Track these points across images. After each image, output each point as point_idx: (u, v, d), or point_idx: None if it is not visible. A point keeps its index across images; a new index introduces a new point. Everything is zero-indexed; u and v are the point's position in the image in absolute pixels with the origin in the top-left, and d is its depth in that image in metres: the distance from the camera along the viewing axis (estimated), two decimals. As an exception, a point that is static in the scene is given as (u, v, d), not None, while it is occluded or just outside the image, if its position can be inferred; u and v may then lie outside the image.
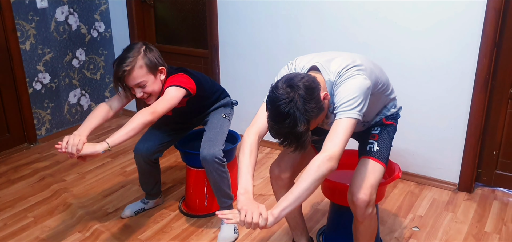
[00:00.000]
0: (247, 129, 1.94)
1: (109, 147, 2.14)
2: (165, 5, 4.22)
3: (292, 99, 1.66)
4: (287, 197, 1.69)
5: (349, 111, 1.74)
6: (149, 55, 2.35)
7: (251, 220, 1.65)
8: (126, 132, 2.19)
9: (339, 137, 1.72)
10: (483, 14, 2.70)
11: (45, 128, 4.05)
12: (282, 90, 1.68)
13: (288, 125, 1.68)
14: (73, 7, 4.03)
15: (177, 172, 3.44)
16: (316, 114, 1.73)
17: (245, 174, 1.82)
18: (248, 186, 1.79)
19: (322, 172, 1.68)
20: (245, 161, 1.86)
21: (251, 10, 3.54)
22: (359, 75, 1.80)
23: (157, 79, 2.39)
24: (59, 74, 4.05)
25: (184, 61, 4.18)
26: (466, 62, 2.83)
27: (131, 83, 2.33)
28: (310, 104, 1.68)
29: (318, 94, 1.72)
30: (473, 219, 2.76)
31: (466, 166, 3.01)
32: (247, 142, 1.90)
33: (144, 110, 2.25)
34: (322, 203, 2.95)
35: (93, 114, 2.36)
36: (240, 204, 1.73)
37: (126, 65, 2.28)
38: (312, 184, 1.68)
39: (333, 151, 1.70)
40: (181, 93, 2.37)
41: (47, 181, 3.34)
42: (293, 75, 1.75)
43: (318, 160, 1.69)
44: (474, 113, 2.89)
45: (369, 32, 3.07)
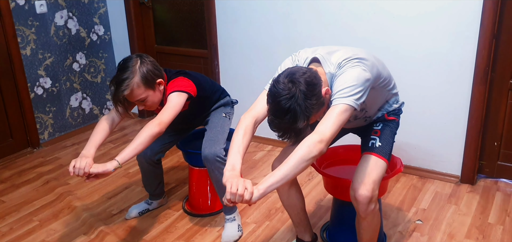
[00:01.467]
0: (244, 113, 1.95)
1: (119, 164, 2.17)
2: (164, 7, 4.23)
3: (293, 95, 1.67)
4: (274, 174, 1.69)
5: (345, 98, 1.74)
6: (145, 71, 2.31)
7: (236, 190, 1.64)
8: (135, 146, 2.21)
9: (331, 121, 1.71)
10: (481, 6, 2.71)
11: (48, 132, 4.06)
12: (284, 85, 1.69)
13: (288, 121, 1.69)
14: (72, 11, 4.04)
15: (180, 172, 3.45)
16: (316, 110, 1.74)
17: (235, 153, 1.83)
18: (236, 164, 1.79)
19: (311, 153, 1.67)
20: (237, 141, 1.86)
21: (248, 9, 3.55)
22: (358, 67, 1.80)
23: (156, 91, 2.39)
24: (60, 78, 4.06)
25: (184, 62, 4.19)
26: (465, 54, 2.83)
27: (131, 100, 2.36)
28: (311, 101, 1.69)
29: (319, 90, 1.73)
30: (476, 211, 2.77)
31: (468, 158, 3.01)
32: (242, 124, 1.90)
33: (151, 123, 2.26)
34: (326, 199, 2.96)
35: (97, 130, 2.36)
36: (225, 178, 1.73)
37: (124, 88, 2.27)
38: (301, 164, 1.67)
39: (324, 133, 1.69)
40: (184, 98, 2.38)
41: (51, 184, 3.35)
42: (295, 69, 1.75)
43: (308, 141, 1.69)
44: (474, 105, 2.90)
45: (367, 27, 3.08)
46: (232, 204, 1.68)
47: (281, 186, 2.19)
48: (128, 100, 2.37)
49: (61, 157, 3.82)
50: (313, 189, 3.08)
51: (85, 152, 2.23)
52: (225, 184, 1.70)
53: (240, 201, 1.65)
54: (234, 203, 1.67)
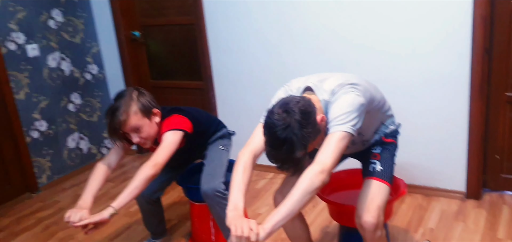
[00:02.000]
0: (242, 148, 1.93)
1: (115, 211, 2.13)
2: (156, 41, 4.23)
3: (288, 125, 1.65)
4: (279, 211, 1.66)
5: (342, 125, 1.72)
6: (142, 100, 2.32)
7: (242, 233, 1.61)
8: (130, 191, 2.17)
9: (331, 150, 1.70)
10: (471, 22, 2.72)
11: (46, 176, 4.01)
12: (278, 115, 1.67)
13: (286, 151, 1.66)
14: (65, 53, 4.03)
15: (181, 207, 3.40)
16: (313, 138, 1.73)
17: (236, 192, 1.80)
18: (238, 203, 1.77)
19: (314, 184, 1.65)
20: (237, 179, 1.84)
21: (241, 38, 3.55)
22: (352, 92, 1.79)
23: (152, 122, 2.36)
24: (56, 120, 4.03)
25: (180, 95, 4.17)
26: (460, 70, 2.83)
27: (127, 129, 2.29)
28: (307, 129, 1.67)
29: (314, 118, 1.72)
30: (485, 227, 2.73)
31: (471, 173, 2.98)
32: (241, 160, 1.88)
33: (145, 165, 2.22)
34: (331, 225, 2.91)
35: (93, 177, 2.33)
36: (229, 220, 1.70)
37: (121, 113, 2.24)
38: (305, 197, 1.65)
39: (325, 163, 1.68)
40: (179, 136, 2.35)
41: (51, 229, 3.29)
42: (289, 99, 1.74)
43: (310, 172, 1.67)
44: (473, 120, 2.88)
45: (360, 52, 3.08)
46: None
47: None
48: (123, 132, 2.31)
49: (61, 200, 3.76)
50: (318, 216, 3.04)
51: (82, 202, 2.20)
52: (229, 226, 1.67)
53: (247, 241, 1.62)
54: None
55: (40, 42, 3.82)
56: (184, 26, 3.96)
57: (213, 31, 3.66)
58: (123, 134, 2.32)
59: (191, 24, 3.85)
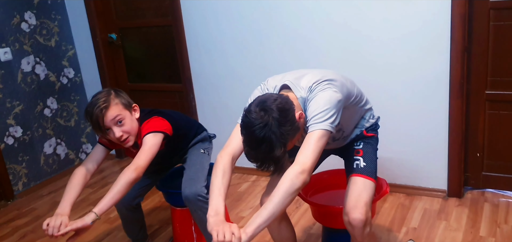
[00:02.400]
0: (220, 151, 1.90)
1: (97, 216, 2.06)
2: (133, 44, 4.16)
3: (266, 123, 1.62)
4: (260, 214, 1.64)
5: (320, 124, 1.71)
6: (120, 94, 2.30)
7: (223, 238, 1.59)
8: (111, 195, 2.11)
9: (310, 149, 1.68)
10: (449, 21, 2.73)
11: (22, 183, 3.91)
12: (256, 114, 1.65)
13: (265, 150, 1.64)
14: (39, 56, 3.94)
15: (163, 212, 3.35)
16: (292, 136, 1.71)
17: (217, 196, 1.77)
18: (219, 208, 1.74)
19: (295, 185, 1.64)
20: (217, 183, 1.81)
21: (219, 39, 3.51)
22: (329, 89, 1.78)
23: (133, 116, 2.32)
24: (32, 126, 3.93)
25: (159, 98, 4.11)
26: (439, 68, 2.84)
27: (108, 121, 2.22)
28: (285, 127, 1.66)
29: (292, 115, 1.70)
30: (467, 225, 2.74)
31: (452, 172, 3.00)
32: (220, 164, 1.85)
33: (127, 170, 2.17)
34: (315, 227, 2.89)
35: (71, 184, 2.25)
36: (210, 226, 1.68)
37: (102, 103, 2.19)
38: (286, 198, 1.64)
39: (305, 163, 1.66)
40: (159, 138, 2.30)
41: (28, 238, 3.21)
42: (266, 97, 1.72)
43: (290, 173, 1.65)
44: (453, 119, 2.89)
45: (340, 50, 3.07)
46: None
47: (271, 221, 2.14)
48: (105, 127, 2.24)
49: (38, 207, 3.67)
50: (302, 217, 3.02)
51: (60, 210, 2.12)
52: (211, 232, 1.65)
53: None
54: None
55: (13, 45, 3.72)
56: (162, 28, 3.90)
57: (192, 33, 3.61)
58: (104, 129, 2.24)
59: (169, 26, 3.80)
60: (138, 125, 2.36)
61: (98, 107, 2.18)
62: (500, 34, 2.74)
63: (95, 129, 2.26)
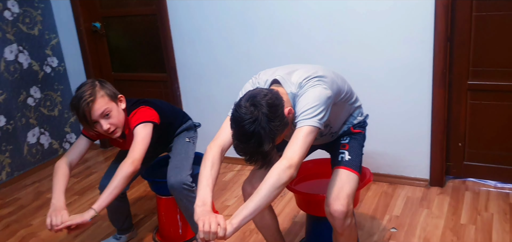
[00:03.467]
0: (210, 143, 1.91)
1: (96, 213, 2.08)
2: (117, 33, 4.12)
3: (256, 118, 1.64)
4: (246, 206, 1.66)
5: (309, 120, 1.73)
6: (105, 86, 2.28)
7: (209, 228, 1.61)
8: (110, 191, 2.13)
9: (298, 144, 1.70)
10: (433, 11, 2.76)
11: (6, 172, 3.88)
12: (246, 109, 1.66)
13: (254, 144, 1.66)
14: (22, 45, 3.89)
15: (148, 202, 3.35)
16: (281, 131, 1.72)
17: (204, 187, 1.79)
18: (206, 198, 1.76)
19: (282, 179, 1.65)
20: (206, 174, 1.83)
21: (204, 29, 3.50)
22: (319, 85, 1.79)
23: (119, 107, 2.31)
24: (15, 115, 3.89)
25: (143, 88, 4.10)
26: (422, 58, 2.87)
27: (96, 115, 2.20)
28: (274, 123, 1.67)
29: (282, 111, 1.71)
30: (448, 212, 2.79)
31: (435, 161, 3.04)
32: (209, 155, 1.87)
33: (124, 164, 2.18)
34: (299, 215, 2.92)
35: (57, 176, 2.26)
36: (197, 215, 1.70)
37: (88, 96, 2.17)
38: (272, 192, 1.66)
39: (292, 158, 1.68)
40: (150, 128, 2.31)
41: (12, 227, 3.18)
42: (256, 92, 1.73)
43: (277, 167, 1.67)
44: (436, 108, 2.93)
45: (325, 41, 3.09)
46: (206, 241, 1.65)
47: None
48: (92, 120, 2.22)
49: (21, 197, 3.65)
50: (286, 206, 3.04)
51: (55, 201, 2.13)
52: (197, 222, 1.67)
53: (214, 238, 1.62)
54: (208, 241, 1.64)
55: (-4, 34, 3.68)
56: (146, 17, 3.88)
57: (176, 22, 3.60)
58: (92, 122, 2.22)
59: (153, 15, 3.78)
60: (125, 116, 2.36)
61: (84, 101, 2.16)
62: (482, 24, 2.78)
63: (81, 122, 2.24)
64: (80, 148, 2.39)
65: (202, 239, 1.64)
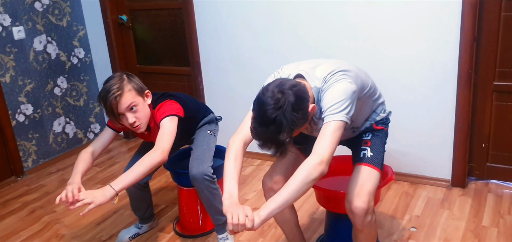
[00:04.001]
0: (232, 136, 1.93)
1: (115, 192, 2.10)
2: (144, 26, 4.18)
3: (281, 105, 1.63)
4: (274, 199, 1.67)
5: (336, 114, 1.72)
6: (133, 80, 2.32)
7: (238, 221, 1.63)
8: (134, 173, 2.15)
9: (328, 140, 1.70)
10: (460, 10, 2.73)
11: (32, 160, 3.97)
12: (272, 94, 1.66)
13: (272, 131, 1.65)
14: (51, 36, 3.98)
15: (169, 193, 3.39)
16: (301, 125, 1.72)
17: (230, 180, 1.82)
18: (233, 191, 1.78)
19: (312, 176, 1.66)
20: (230, 167, 1.85)
21: (229, 24, 3.53)
22: (344, 79, 1.79)
23: (145, 102, 2.36)
24: (42, 104, 3.98)
25: (167, 81, 4.15)
26: (448, 58, 2.84)
27: (122, 108, 2.25)
28: (297, 114, 1.67)
29: (307, 105, 1.71)
30: (470, 214, 2.76)
31: (457, 162, 3.01)
32: (232, 148, 1.89)
33: (152, 152, 2.21)
34: (318, 211, 2.93)
35: (78, 161, 2.31)
36: (225, 207, 1.72)
37: (116, 90, 2.22)
38: (302, 187, 1.66)
39: (323, 154, 1.68)
40: (176, 122, 2.35)
41: (37, 213, 3.27)
42: (286, 80, 1.73)
43: (308, 163, 1.67)
44: (460, 109, 2.90)
45: (350, 37, 3.08)
46: (235, 233, 1.68)
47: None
48: (119, 113, 2.26)
49: (46, 184, 3.73)
50: (306, 202, 3.05)
51: (71, 180, 2.18)
52: (226, 214, 1.69)
53: (242, 230, 1.65)
54: (237, 232, 1.67)
55: (26, 24, 3.76)
56: (172, 11, 3.92)
57: (201, 16, 3.63)
58: (118, 115, 2.27)
59: (179, 9, 3.82)
60: (151, 110, 2.40)
61: (113, 94, 2.21)
62: (510, 25, 2.74)
63: (108, 114, 2.29)
64: (104, 139, 2.45)
65: (231, 230, 1.67)
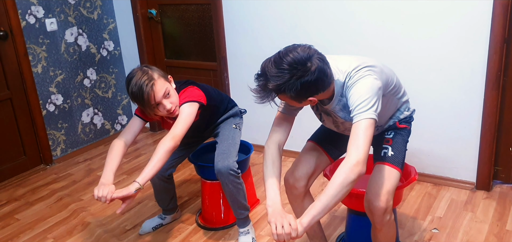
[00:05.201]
0: (266, 141, 1.96)
1: (140, 186, 2.17)
2: (172, 21, 4.24)
3: (309, 57, 1.66)
4: (315, 206, 1.68)
5: (366, 112, 1.71)
6: (154, 69, 2.36)
7: (282, 231, 1.66)
8: (153, 165, 2.21)
9: (361, 140, 1.68)
10: (491, 10, 2.69)
11: (60, 149, 4.08)
12: (303, 48, 1.70)
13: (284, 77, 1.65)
14: (82, 28, 4.08)
15: (193, 185, 3.44)
16: (309, 94, 1.72)
17: (271, 186, 1.85)
18: (276, 198, 1.81)
19: (350, 178, 1.65)
20: (269, 173, 1.89)
21: (257, 20, 3.55)
22: (369, 76, 1.78)
23: (173, 88, 2.41)
24: (72, 95, 4.09)
25: (193, 75, 4.20)
26: (476, 59, 2.81)
27: (159, 96, 2.28)
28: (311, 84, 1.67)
29: (325, 85, 1.72)
30: (494, 217, 2.73)
31: (482, 164, 2.98)
32: (268, 154, 1.92)
33: (165, 139, 2.25)
34: (340, 209, 2.93)
35: (111, 155, 2.34)
36: (269, 216, 1.75)
37: (148, 81, 2.24)
38: (340, 191, 1.66)
39: (358, 155, 1.66)
40: (196, 108, 2.38)
41: (64, 201, 3.36)
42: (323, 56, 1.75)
43: (344, 166, 1.66)
44: (487, 111, 2.86)
45: (377, 34, 3.07)
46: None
47: (294, 198, 2.20)
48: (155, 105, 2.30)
49: (74, 173, 3.83)
50: (327, 199, 3.06)
51: (104, 180, 2.23)
52: (270, 223, 1.73)
53: (288, 239, 1.67)
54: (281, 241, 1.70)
55: (59, 16, 3.87)
56: (200, 6, 3.97)
57: (229, 12, 3.66)
58: (156, 105, 2.30)
59: (207, 4, 3.86)
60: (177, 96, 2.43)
61: (147, 86, 2.23)
62: (541, 27, 2.69)
63: (146, 107, 2.31)
64: (134, 128, 2.47)
65: (277, 240, 1.69)
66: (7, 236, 2.94)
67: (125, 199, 2.18)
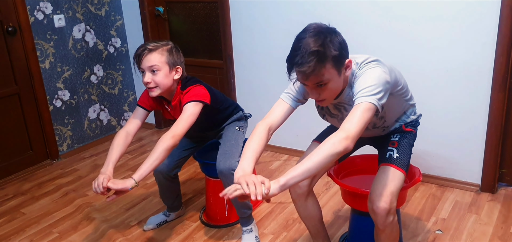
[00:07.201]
0: (259, 121, 1.95)
1: (136, 183, 2.19)
2: (179, 18, 4.26)
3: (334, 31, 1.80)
4: (296, 168, 1.65)
5: (367, 97, 1.72)
6: (175, 52, 2.40)
7: (254, 186, 1.59)
8: (151, 162, 2.23)
9: (356, 118, 1.68)
10: (499, 13, 2.68)
11: (67, 144, 4.11)
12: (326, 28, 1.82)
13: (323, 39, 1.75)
14: (90, 25, 4.10)
15: (197, 183, 3.46)
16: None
17: (247, 158, 1.80)
18: (247, 168, 1.76)
19: (336, 149, 1.63)
20: (250, 147, 1.85)
21: (263, 19, 3.55)
22: (378, 67, 1.80)
23: (170, 74, 2.40)
24: (78, 91, 4.11)
25: (200, 73, 4.20)
26: (483, 61, 2.80)
27: (146, 64, 2.34)
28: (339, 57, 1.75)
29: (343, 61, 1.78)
30: (498, 220, 2.72)
31: (488, 166, 2.97)
32: (256, 131, 1.90)
33: (165, 137, 2.27)
34: (343, 209, 2.93)
35: (113, 146, 2.38)
36: (236, 179, 1.69)
37: (153, 46, 2.34)
38: (324, 159, 1.63)
39: (350, 130, 1.66)
40: (199, 108, 2.39)
41: (70, 196, 3.39)
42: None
43: (334, 137, 1.65)
44: (493, 113, 2.85)
45: (384, 35, 3.06)
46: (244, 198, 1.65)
47: (297, 197, 2.20)
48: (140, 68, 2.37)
49: (80, 169, 3.86)
50: (331, 199, 3.06)
51: (103, 170, 2.26)
52: (238, 183, 1.66)
53: (260, 193, 1.59)
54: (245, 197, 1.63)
55: (66, 13, 3.89)
56: (207, 4, 3.98)
57: (236, 10, 3.67)
58: (140, 68, 2.37)
59: (214, 2, 3.87)
60: (175, 86, 2.46)
61: (146, 48, 2.33)
62: (549, 29, 2.67)
63: (134, 60, 2.40)
64: (137, 118, 2.52)
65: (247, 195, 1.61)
66: (13, 230, 2.97)
67: (119, 192, 2.20)
